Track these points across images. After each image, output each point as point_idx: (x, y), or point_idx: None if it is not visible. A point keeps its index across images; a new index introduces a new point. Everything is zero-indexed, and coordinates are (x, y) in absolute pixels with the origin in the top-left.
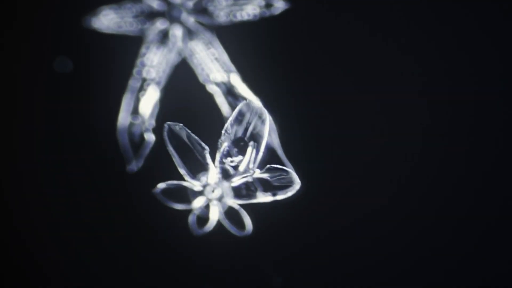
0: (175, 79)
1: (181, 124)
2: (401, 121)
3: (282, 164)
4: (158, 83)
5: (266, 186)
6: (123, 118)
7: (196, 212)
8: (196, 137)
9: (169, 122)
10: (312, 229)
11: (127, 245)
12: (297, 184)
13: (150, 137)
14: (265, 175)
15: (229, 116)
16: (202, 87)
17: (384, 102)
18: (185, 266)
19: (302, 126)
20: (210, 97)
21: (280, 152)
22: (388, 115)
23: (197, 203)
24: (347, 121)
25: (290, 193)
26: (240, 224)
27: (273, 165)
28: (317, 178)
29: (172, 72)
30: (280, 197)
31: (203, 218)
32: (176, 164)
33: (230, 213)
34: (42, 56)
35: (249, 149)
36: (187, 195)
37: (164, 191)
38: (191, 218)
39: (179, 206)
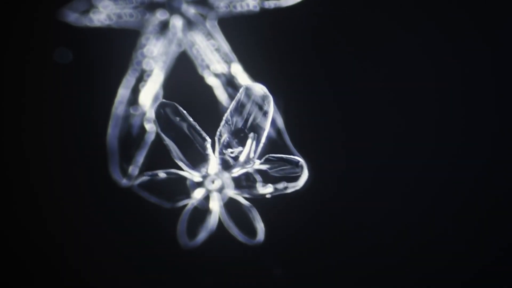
0: (175, 70)
1: (185, 112)
2: (411, 112)
3: (290, 152)
4: (157, 75)
5: (267, 177)
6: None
7: (195, 204)
8: (198, 128)
9: (164, 100)
10: (317, 224)
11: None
12: (304, 175)
13: (151, 128)
14: (265, 166)
15: (229, 106)
16: (202, 78)
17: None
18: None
19: (303, 117)
20: (210, 88)
21: (287, 140)
22: (393, 104)
23: (197, 194)
24: (350, 109)
25: (297, 184)
26: (251, 230)
27: (272, 155)
28: (322, 171)
29: (172, 63)
30: (282, 187)
31: (194, 227)
32: (173, 156)
33: (239, 217)
34: (40, 49)
35: (249, 140)
36: (173, 189)
37: (144, 184)
38: (180, 227)
39: (164, 203)
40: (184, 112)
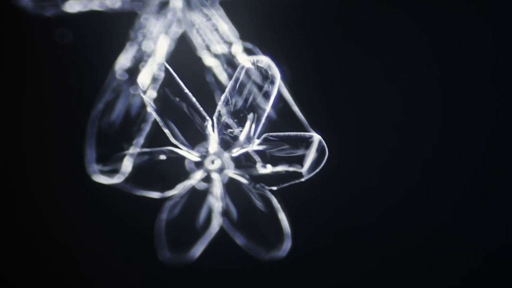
0: (175, 51)
1: (187, 91)
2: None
3: (303, 127)
4: (157, 55)
5: (267, 157)
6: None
7: (195, 184)
8: (199, 107)
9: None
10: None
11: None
12: (310, 155)
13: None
14: (263, 146)
15: (228, 85)
16: (201, 59)
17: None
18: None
19: (308, 98)
20: (209, 68)
21: (299, 115)
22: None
23: (197, 176)
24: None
25: (301, 167)
26: (272, 239)
27: (271, 134)
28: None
29: (172, 44)
30: (283, 170)
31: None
32: (170, 135)
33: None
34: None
35: (249, 120)
36: (168, 172)
37: (139, 168)
38: (159, 235)
39: (154, 191)
40: (178, 78)
